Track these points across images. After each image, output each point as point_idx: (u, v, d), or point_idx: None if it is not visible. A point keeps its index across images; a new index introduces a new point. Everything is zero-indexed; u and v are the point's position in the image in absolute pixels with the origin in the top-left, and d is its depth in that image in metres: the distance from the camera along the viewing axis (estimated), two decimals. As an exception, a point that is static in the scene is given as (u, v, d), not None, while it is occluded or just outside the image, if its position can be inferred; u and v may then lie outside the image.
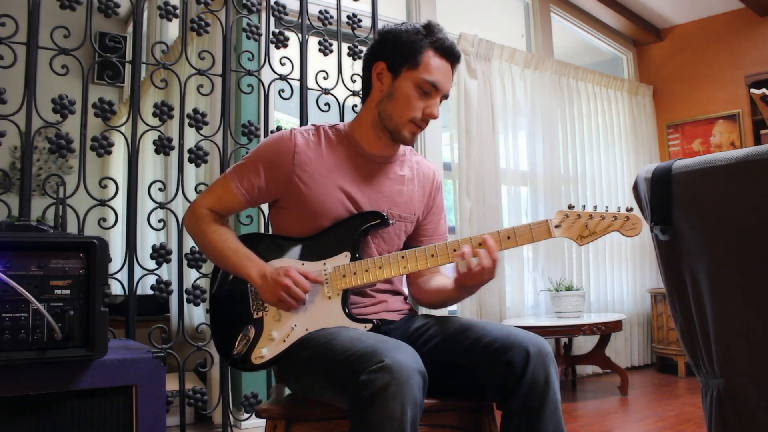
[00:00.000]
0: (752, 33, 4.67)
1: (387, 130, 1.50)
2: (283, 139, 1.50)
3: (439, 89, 1.46)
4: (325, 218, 1.48)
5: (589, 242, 1.41)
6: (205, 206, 1.54)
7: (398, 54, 1.47)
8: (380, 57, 1.50)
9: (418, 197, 1.61)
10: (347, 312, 1.44)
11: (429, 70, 1.45)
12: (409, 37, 1.47)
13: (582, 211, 1.40)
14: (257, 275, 1.42)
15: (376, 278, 1.44)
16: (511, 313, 4.04)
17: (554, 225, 1.40)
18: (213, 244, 1.49)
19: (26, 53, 2.10)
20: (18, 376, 1.32)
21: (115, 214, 2.26)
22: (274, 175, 1.50)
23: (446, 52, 1.47)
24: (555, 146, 4.38)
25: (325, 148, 1.52)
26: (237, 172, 1.52)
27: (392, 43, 1.48)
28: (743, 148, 0.99)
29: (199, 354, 2.43)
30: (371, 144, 1.54)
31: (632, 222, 1.39)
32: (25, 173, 2.06)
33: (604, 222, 1.40)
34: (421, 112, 1.46)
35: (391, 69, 1.48)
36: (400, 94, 1.46)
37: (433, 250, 1.42)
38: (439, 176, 1.68)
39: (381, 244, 1.54)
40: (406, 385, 1.12)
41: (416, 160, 1.64)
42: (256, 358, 1.43)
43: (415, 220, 1.61)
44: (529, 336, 1.32)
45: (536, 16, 4.69)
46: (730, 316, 0.97)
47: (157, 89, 3.21)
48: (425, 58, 1.45)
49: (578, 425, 3.02)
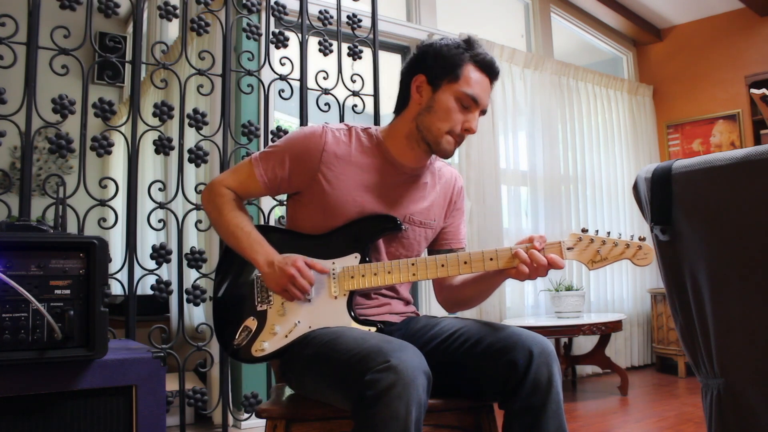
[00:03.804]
0: (752, 33, 4.67)
1: (425, 142, 1.49)
2: (315, 135, 1.50)
3: (478, 103, 1.46)
4: (341, 218, 1.48)
5: (599, 267, 1.41)
6: (225, 185, 1.53)
7: (439, 67, 1.47)
8: (420, 70, 1.50)
9: (439, 204, 1.60)
10: (352, 314, 1.43)
11: (469, 84, 1.45)
12: (449, 50, 1.47)
13: (595, 236, 1.40)
14: (264, 262, 1.42)
15: (384, 283, 1.43)
16: (511, 313, 4.04)
17: (567, 247, 1.40)
18: (228, 223, 1.49)
19: (26, 53, 2.10)
20: (18, 376, 1.32)
21: (115, 214, 2.26)
22: (299, 168, 1.49)
23: (486, 67, 1.48)
24: (555, 146, 4.38)
25: (354, 149, 1.51)
26: (263, 159, 1.51)
27: (432, 57, 1.48)
28: (743, 148, 0.99)
29: (199, 354, 2.43)
30: (402, 155, 1.53)
31: (644, 252, 1.38)
32: (25, 173, 2.07)
33: (617, 249, 1.39)
34: (460, 126, 1.46)
35: (431, 82, 1.48)
36: (439, 107, 1.46)
37: (443, 260, 1.41)
38: (460, 181, 1.68)
39: (400, 249, 1.54)
40: (411, 386, 1.13)
41: (438, 167, 1.64)
42: (257, 350, 1.43)
43: (436, 226, 1.60)
44: (533, 336, 1.33)
45: (536, 16, 4.70)
46: (730, 316, 0.97)
47: (157, 89, 3.21)
48: (466, 71, 1.45)
49: (578, 425, 3.02)
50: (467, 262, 1.40)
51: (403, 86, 1.54)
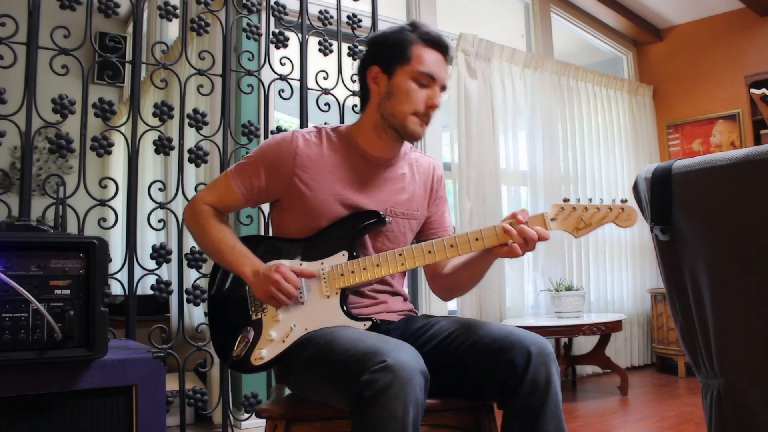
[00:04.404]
0: (752, 33, 4.67)
1: (392, 128, 1.51)
2: (285, 141, 1.52)
3: (435, 79, 1.49)
4: (325, 219, 1.49)
5: (584, 234, 1.42)
6: (205, 202, 1.56)
7: (389, 54, 1.50)
8: (373, 61, 1.53)
9: (420, 194, 1.62)
10: (345, 310, 1.44)
11: (421, 62, 1.48)
12: (395, 35, 1.51)
13: (577, 204, 1.42)
14: (250, 272, 1.44)
15: (374, 276, 1.44)
16: (511, 313, 4.04)
17: (550, 218, 1.42)
18: (211, 239, 1.51)
19: (26, 53, 2.10)
20: (18, 376, 1.32)
21: (115, 214, 2.26)
22: (274, 176, 1.51)
23: (435, 43, 1.50)
24: (555, 146, 4.38)
25: (326, 149, 1.53)
26: (238, 171, 1.54)
27: (381, 45, 1.53)
28: (743, 148, 0.99)
29: (199, 354, 2.43)
30: (372, 146, 1.55)
31: (627, 213, 1.41)
32: (25, 173, 2.07)
33: (599, 214, 1.41)
34: (423, 104, 1.48)
35: (385, 70, 1.51)
36: (398, 91, 1.48)
37: (430, 247, 1.43)
38: (439, 170, 1.69)
39: (386, 243, 1.55)
40: (408, 385, 1.13)
41: (415, 157, 1.66)
42: (256, 359, 1.43)
43: (420, 216, 1.61)
44: (531, 336, 1.33)
45: (536, 16, 4.69)
46: (730, 316, 0.97)
47: (157, 89, 3.21)
48: (415, 51, 1.48)
49: (578, 425, 3.02)
50: (453, 245, 1.42)
51: (362, 83, 1.58)
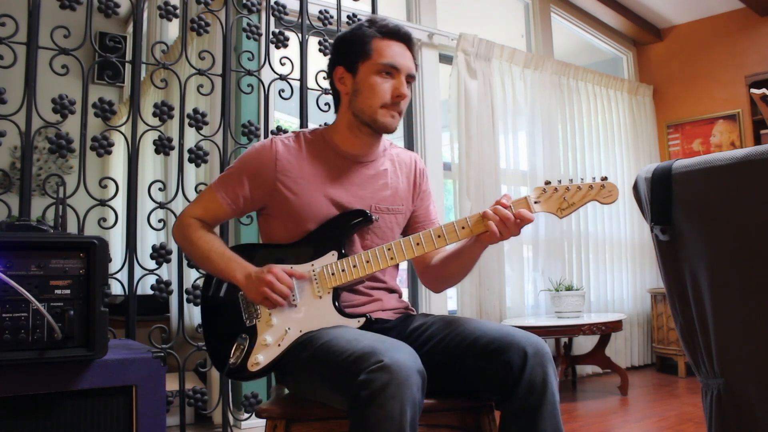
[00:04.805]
0: (752, 33, 4.67)
1: (365, 124, 1.52)
2: (265, 148, 1.54)
3: (399, 69, 1.50)
4: (311, 222, 1.50)
5: (569, 214, 1.43)
6: (192, 216, 1.57)
7: (350, 53, 1.52)
8: (337, 63, 1.56)
9: (404, 188, 1.63)
10: (338, 307, 1.44)
11: (382, 54, 1.49)
12: (354, 34, 1.53)
13: (558, 184, 1.43)
14: (242, 276, 1.44)
15: (365, 272, 1.45)
16: (511, 313, 4.04)
17: (533, 201, 1.43)
18: (200, 250, 1.52)
19: (26, 53, 2.10)
20: (18, 376, 1.32)
21: (115, 214, 2.26)
22: (257, 183, 1.52)
23: (392, 34, 1.52)
24: (555, 146, 4.38)
25: (306, 153, 1.55)
26: (222, 183, 1.55)
27: (342, 46, 1.55)
28: (743, 148, 0.99)
29: (199, 354, 2.43)
30: (350, 145, 1.56)
31: (608, 189, 1.41)
32: (25, 173, 2.07)
33: (581, 192, 1.42)
34: (390, 95, 1.49)
35: (349, 69, 1.53)
36: (364, 86, 1.50)
37: (418, 239, 1.44)
38: (421, 163, 1.70)
39: (374, 240, 1.56)
40: (405, 385, 1.13)
41: (396, 152, 1.67)
42: (252, 365, 1.43)
43: (405, 211, 1.63)
44: (527, 336, 1.33)
45: (536, 16, 4.69)
46: (730, 316, 0.97)
47: (157, 89, 3.21)
48: (375, 45, 1.50)
49: (578, 425, 3.02)
50: (441, 235, 1.44)
51: (332, 86, 1.60)
